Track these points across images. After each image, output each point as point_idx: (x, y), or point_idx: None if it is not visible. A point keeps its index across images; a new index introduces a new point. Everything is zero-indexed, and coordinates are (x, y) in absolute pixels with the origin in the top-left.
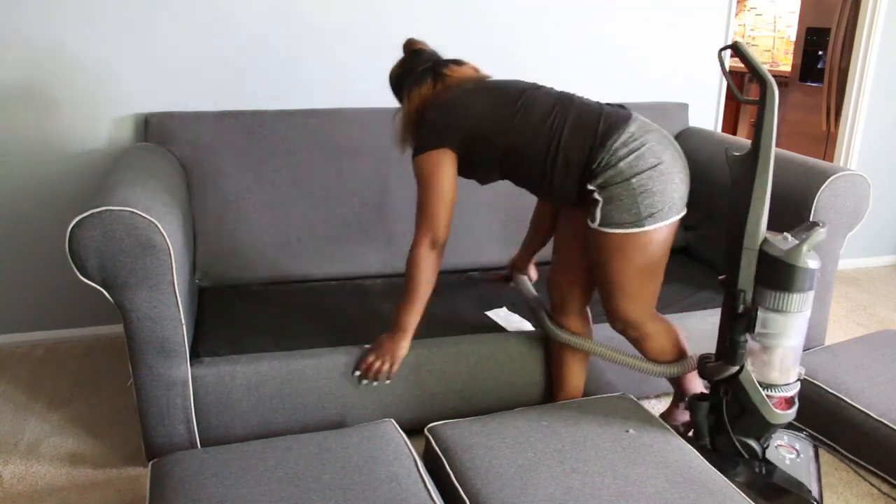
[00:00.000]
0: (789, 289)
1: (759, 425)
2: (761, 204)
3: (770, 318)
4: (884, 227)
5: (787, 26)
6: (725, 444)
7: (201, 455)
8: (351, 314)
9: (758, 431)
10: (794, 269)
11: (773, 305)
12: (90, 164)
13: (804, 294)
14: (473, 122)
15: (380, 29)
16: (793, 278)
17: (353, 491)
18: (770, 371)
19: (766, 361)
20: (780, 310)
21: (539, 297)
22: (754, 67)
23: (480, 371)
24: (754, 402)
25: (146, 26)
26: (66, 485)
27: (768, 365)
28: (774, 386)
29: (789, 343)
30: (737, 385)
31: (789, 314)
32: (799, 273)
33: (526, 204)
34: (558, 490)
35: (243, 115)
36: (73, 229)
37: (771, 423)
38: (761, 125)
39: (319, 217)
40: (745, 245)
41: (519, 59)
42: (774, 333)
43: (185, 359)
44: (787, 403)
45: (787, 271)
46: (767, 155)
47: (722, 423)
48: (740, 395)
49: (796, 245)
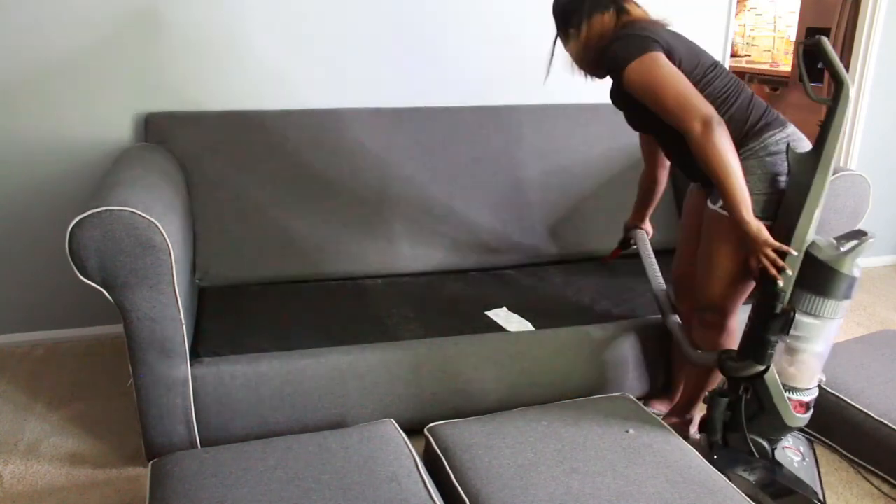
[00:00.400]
0: (830, 295)
1: (775, 426)
2: (815, 205)
3: (804, 321)
4: (884, 227)
5: (787, 26)
6: (738, 442)
7: (201, 455)
8: (351, 314)
9: (772, 432)
10: (839, 275)
11: (810, 309)
12: (90, 164)
13: (841, 302)
14: (667, 50)
15: (380, 29)
16: (836, 285)
17: (353, 491)
18: (794, 374)
19: (791, 364)
20: (815, 314)
21: (666, 291)
22: (833, 67)
23: (481, 372)
24: (774, 402)
25: (146, 26)
26: (66, 485)
27: (794, 368)
28: (796, 389)
29: (817, 348)
30: (759, 385)
31: (824, 320)
32: (843, 280)
33: (526, 204)
34: (558, 490)
35: (243, 115)
36: (73, 229)
37: (787, 426)
38: (829, 126)
39: (319, 217)
40: (793, 245)
41: (520, 57)
42: (805, 337)
43: (185, 359)
44: (804, 407)
45: (832, 277)
46: (830, 156)
47: (737, 421)
48: (761, 395)
49: (846, 252)
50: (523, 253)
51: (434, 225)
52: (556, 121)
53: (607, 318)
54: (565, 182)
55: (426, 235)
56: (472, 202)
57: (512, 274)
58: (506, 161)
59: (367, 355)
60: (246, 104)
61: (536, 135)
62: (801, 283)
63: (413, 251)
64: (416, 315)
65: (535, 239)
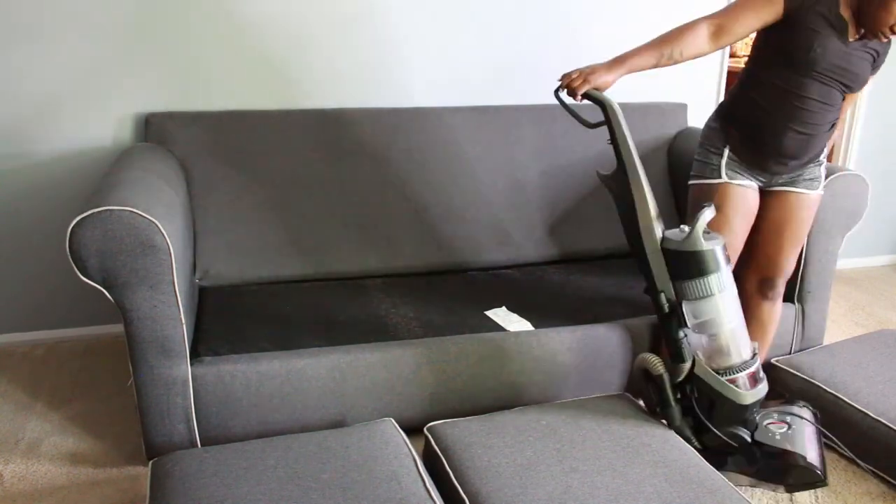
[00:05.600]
0: (701, 274)
1: (733, 411)
2: (645, 209)
3: (697, 306)
4: (882, 226)
5: None
6: (713, 440)
7: (201, 454)
8: (351, 314)
9: (736, 417)
10: (696, 254)
11: (695, 294)
12: (90, 164)
13: (718, 274)
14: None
15: (380, 29)
16: (700, 263)
17: (353, 490)
18: (722, 356)
19: (715, 348)
20: (701, 296)
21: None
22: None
23: (480, 371)
24: (718, 390)
25: (147, 26)
26: (67, 484)
27: (718, 350)
28: (732, 368)
29: (728, 323)
30: (696, 380)
31: (713, 297)
32: (702, 257)
33: (526, 204)
34: (557, 489)
35: (243, 115)
36: (73, 229)
37: (744, 405)
38: (615, 141)
39: (319, 217)
40: (647, 249)
41: (517, 59)
42: (709, 320)
43: (186, 358)
44: (753, 380)
45: (691, 259)
46: (633, 166)
47: (700, 421)
48: (704, 388)
49: (689, 233)
50: (523, 253)
51: (434, 225)
52: (556, 121)
53: (607, 318)
54: (565, 182)
55: (426, 235)
56: (472, 202)
57: (512, 274)
58: (506, 161)
59: (367, 355)
60: (246, 104)
61: (536, 135)
62: (676, 275)
63: (413, 251)
64: (416, 315)
65: (534, 239)
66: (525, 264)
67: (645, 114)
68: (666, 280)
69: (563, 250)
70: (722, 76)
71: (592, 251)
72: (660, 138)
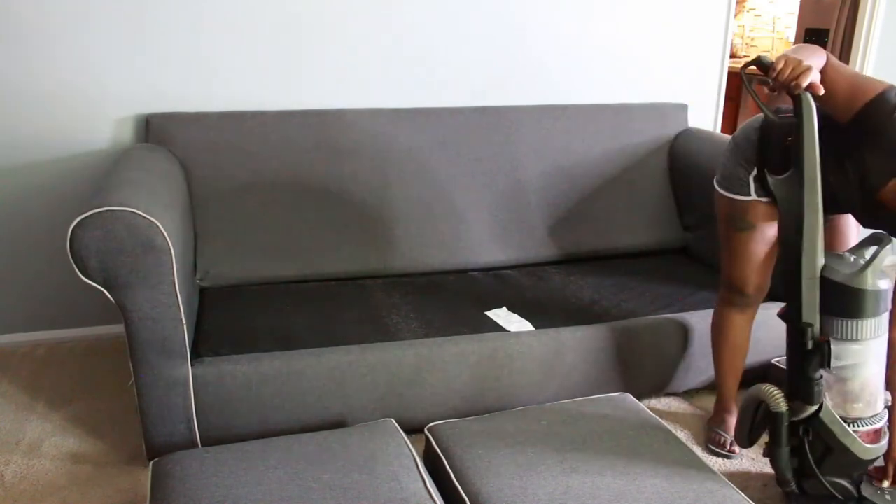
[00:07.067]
0: (860, 315)
1: (849, 463)
2: (815, 227)
3: (844, 349)
4: None
5: (786, 27)
6: (815, 488)
7: (202, 454)
8: (351, 314)
9: (849, 469)
10: (863, 293)
11: (846, 335)
12: (91, 164)
13: (878, 318)
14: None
15: (380, 29)
16: (863, 304)
17: (354, 490)
18: (853, 405)
19: (847, 395)
20: (853, 339)
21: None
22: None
23: (480, 371)
24: (840, 439)
25: (147, 26)
26: (68, 484)
27: (850, 398)
28: (860, 420)
29: (869, 372)
30: (818, 424)
31: (865, 342)
32: (868, 297)
33: (526, 204)
34: (558, 489)
35: (243, 116)
36: (74, 229)
37: (862, 460)
38: (801, 142)
39: (319, 217)
40: (804, 275)
41: (519, 60)
42: (852, 364)
43: (186, 358)
44: (876, 435)
45: (856, 296)
46: (813, 174)
47: (807, 466)
48: (824, 435)
49: (861, 268)
50: (523, 253)
51: (434, 225)
52: (556, 121)
53: (607, 318)
54: (565, 182)
55: (426, 235)
56: (472, 202)
57: (512, 274)
58: (505, 161)
59: (367, 355)
60: (246, 104)
61: (536, 135)
62: (828, 309)
63: (413, 251)
64: (416, 315)
65: (534, 239)
66: (525, 264)
67: (645, 114)
68: (815, 312)
69: (563, 250)
70: (722, 77)
71: (593, 251)
72: (660, 139)
